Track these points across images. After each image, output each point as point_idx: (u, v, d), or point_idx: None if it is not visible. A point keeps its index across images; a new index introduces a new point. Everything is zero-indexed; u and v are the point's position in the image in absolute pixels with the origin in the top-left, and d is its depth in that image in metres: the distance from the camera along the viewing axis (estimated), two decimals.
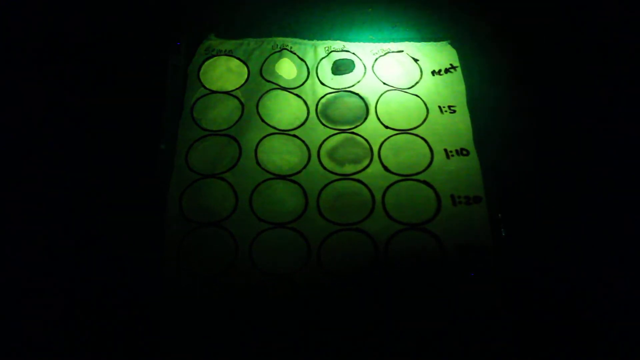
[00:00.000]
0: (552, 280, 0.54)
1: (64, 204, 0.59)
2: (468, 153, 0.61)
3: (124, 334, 0.53)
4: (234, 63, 0.69)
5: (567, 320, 0.52)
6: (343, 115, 0.64)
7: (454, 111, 0.63)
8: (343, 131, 0.63)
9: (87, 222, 0.58)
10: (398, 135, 0.62)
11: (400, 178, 0.60)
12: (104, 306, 0.54)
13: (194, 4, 0.72)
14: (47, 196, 0.59)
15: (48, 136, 0.62)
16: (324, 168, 0.61)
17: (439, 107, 0.64)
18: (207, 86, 0.67)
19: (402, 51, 0.69)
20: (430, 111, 0.64)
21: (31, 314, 0.54)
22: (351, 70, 0.68)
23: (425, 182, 0.59)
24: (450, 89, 0.65)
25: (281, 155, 0.62)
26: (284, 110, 0.65)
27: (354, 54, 0.69)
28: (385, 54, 0.69)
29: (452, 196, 0.58)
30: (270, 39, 0.70)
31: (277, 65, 0.68)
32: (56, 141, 0.62)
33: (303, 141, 0.63)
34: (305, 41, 0.70)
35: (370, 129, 0.63)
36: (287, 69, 0.68)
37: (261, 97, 0.66)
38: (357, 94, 0.66)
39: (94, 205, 0.58)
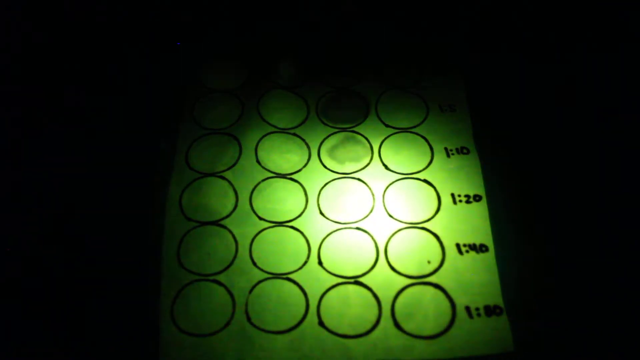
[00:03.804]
0: (553, 280, 0.54)
1: (64, 203, 0.59)
2: (468, 151, 0.61)
3: (124, 334, 0.53)
4: (235, 62, 0.69)
5: (567, 320, 0.52)
6: (343, 114, 0.64)
7: (454, 109, 0.64)
8: (343, 130, 0.63)
9: (87, 222, 0.58)
10: (398, 134, 0.63)
11: (400, 176, 0.60)
12: (103, 306, 0.54)
13: (194, 5, 0.72)
14: (47, 196, 0.59)
15: (48, 136, 0.63)
16: (324, 167, 0.61)
17: (439, 105, 0.64)
18: (207, 85, 0.67)
19: None
20: (430, 109, 0.64)
21: (28, 312, 0.54)
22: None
23: (425, 181, 0.59)
24: (450, 88, 0.65)
25: (281, 153, 0.62)
26: (284, 108, 0.65)
27: None
28: None
29: (452, 195, 0.58)
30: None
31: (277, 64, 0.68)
32: (56, 141, 0.62)
33: (303, 140, 0.63)
34: None
35: (370, 127, 0.63)
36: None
37: (261, 95, 0.66)
38: (357, 93, 0.66)
39: (94, 205, 0.58)
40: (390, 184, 0.59)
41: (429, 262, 0.55)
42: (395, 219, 0.57)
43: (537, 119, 0.63)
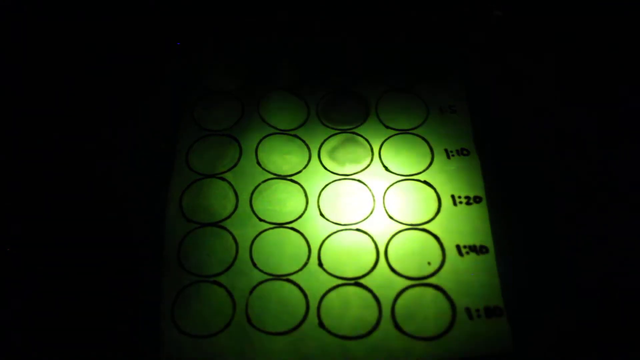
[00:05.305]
0: (553, 281, 0.54)
1: (64, 204, 0.59)
2: (468, 153, 0.61)
3: (124, 334, 0.53)
4: (235, 63, 0.69)
5: (567, 321, 0.52)
6: (344, 115, 0.64)
7: (455, 110, 0.64)
8: (343, 131, 0.63)
9: (88, 222, 0.58)
10: (398, 135, 0.63)
11: (400, 178, 0.60)
12: (104, 306, 0.54)
13: (193, 9, 0.72)
14: (47, 197, 0.59)
15: (48, 136, 0.63)
16: (325, 168, 0.61)
17: (439, 106, 0.64)
18: (207, 86, 0.67)
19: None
20: (430, 111, 0.64)
21: (28, 313, 0.54)
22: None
23: (425, 182, 0.59)
24: (450, 89, 0.65)
25: (282, 155, 0.62)
26: (285, 110, 0.65)
27: None
28: None
29: (452, 196, 0.58)
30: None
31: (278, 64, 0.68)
32: (56, 141, 0.62)
33: (303, 141, 0.63)
34: None
35: (370, 128, 0.63)
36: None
37: (262, 97, 0.66)
38: (357, 94, 0.66)
39: (94, 205, 0.58)
40: (391, 186, 0.59)
41: (429, 263, 0.55)
42: (396, 221, 0.57)
43: (537, 120, 0.63)
